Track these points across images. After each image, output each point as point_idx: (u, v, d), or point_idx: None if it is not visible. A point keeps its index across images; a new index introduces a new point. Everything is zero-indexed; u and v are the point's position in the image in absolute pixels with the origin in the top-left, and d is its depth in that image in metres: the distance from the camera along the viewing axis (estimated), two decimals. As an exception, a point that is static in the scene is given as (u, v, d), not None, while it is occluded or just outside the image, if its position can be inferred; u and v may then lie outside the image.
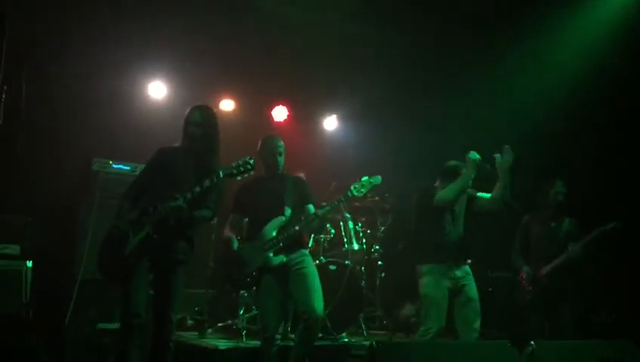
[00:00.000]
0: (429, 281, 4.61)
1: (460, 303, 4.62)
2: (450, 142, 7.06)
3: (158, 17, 6.68)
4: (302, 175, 6.00)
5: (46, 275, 5.53)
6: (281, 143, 4.61)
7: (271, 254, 4.35)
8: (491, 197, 4.74)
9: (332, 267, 6.17)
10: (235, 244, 4.50)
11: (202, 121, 4.17)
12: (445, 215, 4.74)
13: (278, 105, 8.27)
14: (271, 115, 8.28)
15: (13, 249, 5.24)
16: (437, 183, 4.82)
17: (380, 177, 4.42)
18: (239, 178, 4.05)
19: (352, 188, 4.38)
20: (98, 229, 5.59)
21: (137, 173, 6.17)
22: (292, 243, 4.42)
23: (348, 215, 6.72)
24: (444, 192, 4.66)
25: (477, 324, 4.57)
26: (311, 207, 4.52)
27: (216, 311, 6.52)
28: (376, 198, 7.00)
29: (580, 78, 6.59)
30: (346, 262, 6.25)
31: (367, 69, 7.92)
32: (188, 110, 4.26)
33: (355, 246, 6.62)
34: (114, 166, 6.33)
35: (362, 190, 4.37)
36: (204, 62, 7.37)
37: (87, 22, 6.49)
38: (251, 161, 4.01)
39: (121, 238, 3.92)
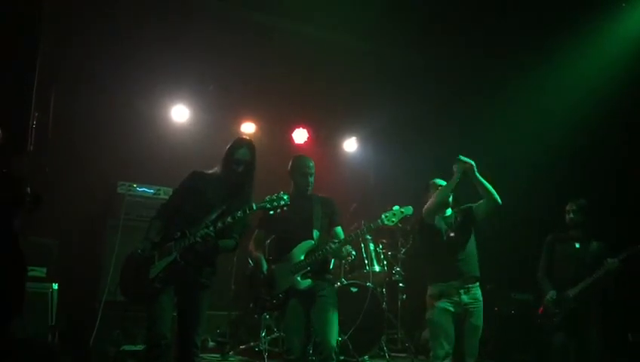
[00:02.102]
0: (434, 306, 4.53)
1: (464, 330, 4.47)
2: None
3: (181, 42, 6.81)
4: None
5: (71, 297, 5.61)
6: (312, 163, 4.62)
7: (299, 278, 4.36)
8: (484, 201, 4.60)
9: (353, 289, 6.17)
10: (265, 266, 4.49)
11: (250, 159, 4.18)
12: (443, 232, 4.64)
13: (299, 127, 8.33)
14: (291, 138, 8.35)
15: (40, 271, 5.33)
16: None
17: (411, 208, 4.45)
18: (272, 213, 4.03)
19: (382, 216, 4.39)
20: (122, 251, 5.67)
21: (161, 195, 6.30)
22: (319, 267, 4.43)
23: (369, 236, 6.71)
24: (428, 203, 4.60)
25: (476, 352, 4.49)
26: (340, 232, 4.57)
27: (238, 333, 6.54)
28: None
29: (607, 94, 6.46)
30: (367, 284, 6.24)
31: (387, 90, 7.94)
32: (232, 142, 4.23)
33: (377, 268, 6.61)
34: (138, 189, 6.43)
35: (393, 219, 4.38)
36: (227, 86, 7.49)
37: (112, 47, 6.63)
38: (285, 197, 3.99)
39: (145, 262, 3.95)
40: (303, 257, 4.39)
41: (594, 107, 6.56)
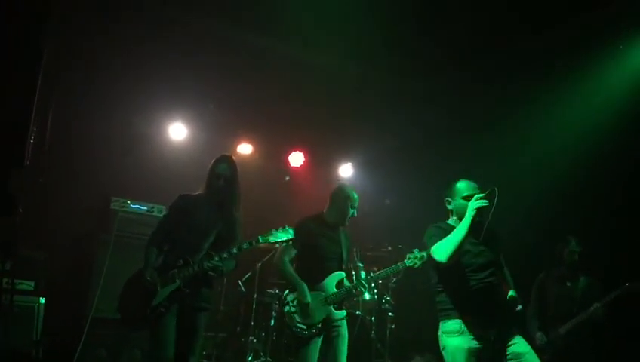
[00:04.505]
0: None
1: None
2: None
3: (181, 60, 6.83)
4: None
5: (58, 312, 5.54)
6: (357, 196, 4.81)
7: (332, 308, 4.54)
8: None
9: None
10: (309, 297, 4.53)
11: (230, 173, 4.24)
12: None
13: (295, 150, 8.36)
14: (287, 161, 8.37)
15: (28, 285, 5.28)
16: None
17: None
18: (277, 245, 4.19)
19: (407, 257, 4.73)
20: (112, 267, 5.64)
21: (154, 213, 6.28)
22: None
23: (360, 264, 6.70)
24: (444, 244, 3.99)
25: None
26: (362, 272, 5.02)
27: (224, 356, 6.48)
28: (389, 248, 6.99)
29: (603, 132, 6.47)
30: (357, 312, 6.20)
31: (384, 117, 7.99)
32: (213, 161, 4.32)
33: (367, 296, 6.59)
34: (132, 205, 6.40)
35: (417, 262, 4.66)
36: (225, 106, 7.51)
37: (110, 63, 6.64)
38: (290, 231, 4.06)
39: (150, 288, 3.97)
40: (335, 289, 4.56)
41: (591, 146, 6.55)
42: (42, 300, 5.30)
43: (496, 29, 6.34)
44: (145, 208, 6.45)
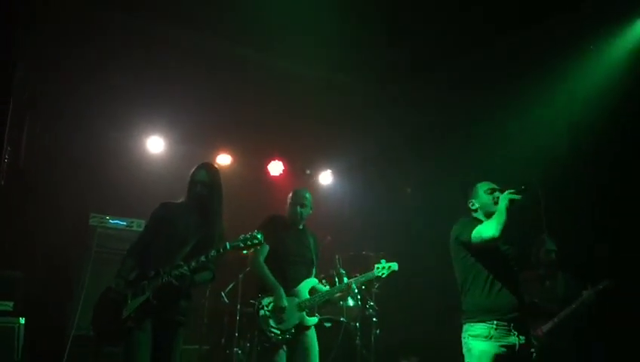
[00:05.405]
0: None
1: None
2: (445, 198, 7.06)
3: (158, 74, 6.80)
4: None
5: (38, 331, 5.47)
6: (308, 195, 4.97)
7: (305, 314, 4.60)
8: None
9: (327, 324, 6.13)
10: (286, 301, 4.57)
11: (209, 180, 4.18)
12: None
13: (274, 159, 8.36)
14: (267, 170, 8.36)
15: (6, 305, 5.20)
16: None
17: (397, 264, 5.03)
18: (245, 251, 4.04)
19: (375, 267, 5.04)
20: (93, 284, 5.58)
21: (134, 228, 6.23)
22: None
23: (343, 271, 6.69)
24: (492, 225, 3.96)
25: None
26: (345, 278, 5.15)
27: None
28: (372, 254, 6.99)
29: (581, 129, 6.52)
30: (341, 318, 6.20)
31: (362, 124, 8.02)
32: (194, 168, 4.27)
33: (350, 303, 6.58)
34: (111, 221, 6.34)
35: (385, 272, 4.97)
36: (202, 118, 7.48)
37: (87, 78, 6.59)
38: (259, 236, 3.97)
39: (118, 300, 3.89)
40: (308, 295, 4.66)
41: (570, 142, 6.59)
42: (22, 320, 5.21)
43: (472, 29, 6.40)
44: (124, 223, 6.40)
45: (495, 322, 3.79)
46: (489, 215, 3.98)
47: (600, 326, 5.75)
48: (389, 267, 4.97)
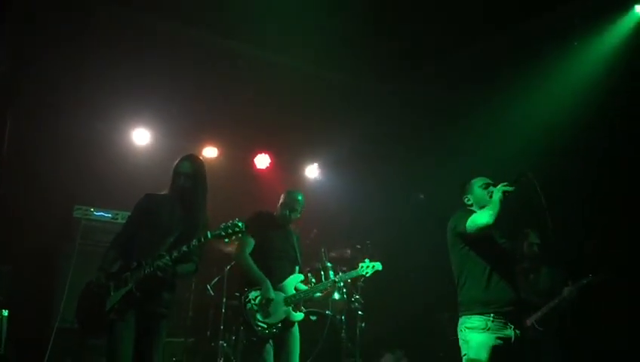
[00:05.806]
0: None
1: None
2: (434, 192, 7.07)
3: (143, 65, 6.74)
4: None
5: (22, 324, 5.43)
6: (301, 198, 5.05)
7: (291, 309, 4.66)
8: None
9: (312, 317, 6.13)
10: (272, 294, 4.62)
11: (192, 172, 4.15)
12: None
13: (261, 153, 8.34)
14: (254, 163, 8.34)
15: (-11, 298, 5.16)
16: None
17: (380, 264, 5.10)
18: (227, 240, 4.01)
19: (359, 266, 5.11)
20: (77, 277, 5.54)
21: (119, 220, 6.19)
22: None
23: (329, 264, 6.69)
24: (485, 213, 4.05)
25: None
26: (331, 271, 5.14)
27: (194, 361, 6.42)
28: (358, 247, 7.02)
29: (569, 124, 6.54)
30: (327, 312, 6.22)
31: (350, 118, 8.02)
32: (177, 160, 4.24)
33: (336, 296, 6.59)
34: (95, 213, 6.29)
35: (369, 271, 5.04)
36: (188, 110, 7.44)
37: (72, 67, 6.53)
38: (240, 224, 3.95)
39: (100, 293, 3.87)
40: (293, 291, 4.72)
41: (557, 138, 6.61)
42: (5, 312, 5.19)
43: (458, 26, 6.42)
44: (109, 215, 6.36)
45: (492, 315, 3.83)
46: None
47: (584, 321, 5.82)
48: (373, 266, 5.05)
